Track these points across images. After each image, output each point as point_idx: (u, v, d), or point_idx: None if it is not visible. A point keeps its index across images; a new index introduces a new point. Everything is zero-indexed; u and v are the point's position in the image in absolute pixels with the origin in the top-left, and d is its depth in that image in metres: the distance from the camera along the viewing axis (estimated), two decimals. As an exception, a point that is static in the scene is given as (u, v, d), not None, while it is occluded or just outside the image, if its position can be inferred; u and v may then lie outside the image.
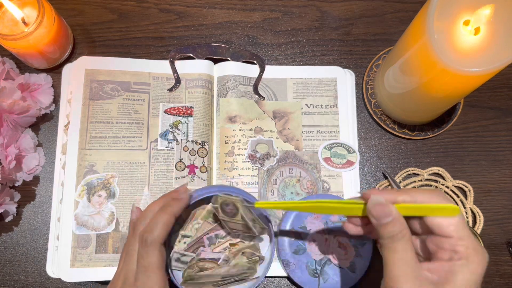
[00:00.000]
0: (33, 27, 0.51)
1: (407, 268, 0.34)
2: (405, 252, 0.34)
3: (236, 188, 0.50)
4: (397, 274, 0.34)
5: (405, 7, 0.63)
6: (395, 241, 0.35)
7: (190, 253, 0.48)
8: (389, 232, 0.35)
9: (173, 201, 0.44)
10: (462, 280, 0.33)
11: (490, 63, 0.42)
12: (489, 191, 0.59)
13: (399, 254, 0.34)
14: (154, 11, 0.62)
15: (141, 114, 0.57)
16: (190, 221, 0.49)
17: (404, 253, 0.34)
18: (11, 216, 0.55)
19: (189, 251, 0.48)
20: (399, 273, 0.34)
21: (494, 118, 0.61)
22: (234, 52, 0.59)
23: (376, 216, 0.36)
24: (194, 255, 0.48)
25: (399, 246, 0.34)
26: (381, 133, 0.60)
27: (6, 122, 0.54)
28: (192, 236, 0.49)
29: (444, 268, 0.34)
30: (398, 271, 0.34)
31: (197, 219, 0.49)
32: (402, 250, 0.34)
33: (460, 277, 0.33)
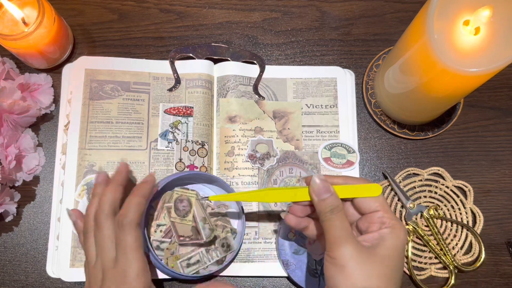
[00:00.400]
0: (33, 27, 0.51)
1: (346, 232, 0.39)
2: (343, 221, 0.40)
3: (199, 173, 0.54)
4: (338, 236, 0.39)
5: (405, 7, 0.63)
6: (334, 213, 0.40)
7: (167, 239, 0.52)
8: (329, 205, 0.40)
9: (141, 185, 0.47)
10: (390, 244, 0.39)
11: (490, 63, 0.42)
12: (489, 191, 0.59)
13: (338, 221, 0.39)
14: (154, 11, 0.62)
15: (141, 114, 0.57)
16: (162, 210, 0.53)
17: (342, 222, 0.40)
18: (11, 216, 0.55)
19: (166, 237, 0.52)
20: (340, 234, 0.39)
21: (494, 118, 0.61)
22: (234, 52, 0.59)
23: (317, 191, 0.41)
24: (169, 240, 0.52)
25: (338, 216, 0.40)
26: (381, 133, 0.60)
27: (6, 122, 0.54)
28: (166, 224, 0.52)
29: (375, 236, 0.40)
30: (339, 233, 0.39)
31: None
32: (340, 220, 0.40)
33: (389, 242, 0.39)
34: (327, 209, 0.40)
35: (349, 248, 0.38)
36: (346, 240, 0.38)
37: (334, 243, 0.38)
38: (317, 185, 0.41)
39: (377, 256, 0.38)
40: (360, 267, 0.37)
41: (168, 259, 0.51)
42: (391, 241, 0.39)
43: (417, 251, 0.56)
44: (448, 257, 0.55)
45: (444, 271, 0.55)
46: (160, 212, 0.53)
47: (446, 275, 0.55)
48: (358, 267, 0.37)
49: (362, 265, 0.38)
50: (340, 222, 0.39)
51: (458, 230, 0.57)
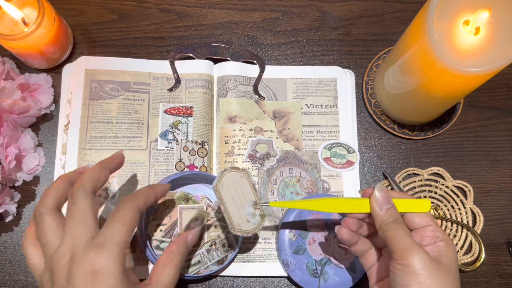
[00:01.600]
0: (33, 27, 0.51)
1: (413, 241, 0.40)
2: (407, 230, 0.41)
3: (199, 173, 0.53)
4: (408, 244, 0.39)
5: (405, 7, 0.63)
6: (397, 223, 0.41)
7: (167, 239, 0.52)
8: (392, 215, 0.41)
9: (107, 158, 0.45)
10: (450, 256, 0.40)
11: (490, 63, 0.42)
12: (489, 191, 0.59)
13: (403, 230, 0.41)
14: (154, 11, 0.62)
15: (141, 114, 0.57)
16: (163, 210, 0.52)
17: (407, 231, 0.41)
18: (11, 216, 0.55)
19: (166, 237, 0.52)
20: (409, 243, 0.39)
21: (494, 118, 0.61)
22: (234, 52, 0.59)
23: (380, 202, 0.42)
24: (170, 239, 0.52)
25: (401, 226, 0.41)
26: (381, 133, 0.60)
27: (6, 122, 0.54)
28: (166, 224, 0.52)
29: (433, 249, 0.41)
30: (407, 241, 0.40)
31: (168, 207, 0.53)
32: (405, 229, 0.41)
33: (449, 254, 0.41)
34: (390, 219, 0.41)
35: (421, 256, 0.39)
36: (417, 248, 0.39)
37: (404, 251, 0.39)
38: (379, 196, 0.42)
39: (444, 266, 0.40)
40: (433, 275, 0.38)
41: None
42: (450, 254, 0.41)
43: (417, 251, 0.56)
44: (448, 257, 0.55)
45: (444, 271, 0.55)
46: (161, 212, 0.53)
47: (446, 275, 0.55)
48: (431, 275, 0.38)
49: (434, 273, 0.39)
50: (405, 231, 0.41)
51: (458, 230, 0.57)
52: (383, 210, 0.42)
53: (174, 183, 0.53)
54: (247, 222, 0.45)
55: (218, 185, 0.44)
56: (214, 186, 0.44)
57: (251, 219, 0.45)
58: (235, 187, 0.45)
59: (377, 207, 0.42)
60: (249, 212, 0.45)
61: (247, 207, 0.45)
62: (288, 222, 0.53)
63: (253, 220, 0.45)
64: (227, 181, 0.45)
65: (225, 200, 0.44)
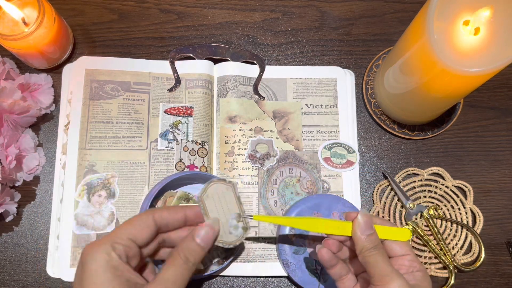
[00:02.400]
0: (33, 27, 0.51)
1: (392, 267, 0.41)
2: (386, 257, 0.41)
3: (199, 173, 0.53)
4: (388, 270, 0.40)
5: (405, 7, 0.63)
6: (377, 249, 0.41)
7: None
8: (373, 241, 0.42)
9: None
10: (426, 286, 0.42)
11: (490, 63, 0.42)
12: (489, 191, 0.59)
13: (383, 257, 0.41)
14: (154, 11, 0.62)
15: (141, 114, 0.57)
16: None
17: (386, 257, 0.41)
18: (11, 216, 0.55)
19: None
20: (389, 269, 0.40)
21: (493, 118, 0.61)
22: (234, 52, 0.59)
23: (362, 228, 0.42)
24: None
25: (382, 252, 0.41)
26: (381, 133, 0.60)
27: (6, 122, 0.54)
28: None
29: (410, 277, 0.42)
30: (387, 268, 0.40)
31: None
32: (384, 255, 0.41)
33: (424, 284, 0.42)
34: (371, 245, 0.41)
35: (400, 283, 0.39)
36: (397, 275, 0.40)
37: (384, 277, 0.40)
38: (362, 221, 0.42)
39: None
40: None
41: None
42: (426, 284, 0.42)
43: (417, 251, 0.56)
44: (448, 257, 0.55)
45: (444, 271, 0.55)
46: None
47: (446, 275, 0.55)
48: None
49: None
50: (386, 258, 0.41)
51: (458, 230, 0.57)
52: (365, 236, 0.42)
53: (174, 183, 0.53)
54: (229, 233, 0.44)
55: (203, 195, 0.43)
56: (199, 197, 0.43)
57: (233, 231, 0.44)
58: (220, 199, 0.44)
59: (359, 232, 0.42)
60: (232, 224, 0.44)
61: (231, 219, 0.44)
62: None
63: (235, 232, 0.44)
64: (213, 192, 0.44)
65: (208, 210, 0.43)
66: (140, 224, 0.40)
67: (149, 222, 0.41)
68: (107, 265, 0.37)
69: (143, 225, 0.40)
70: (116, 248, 0.38)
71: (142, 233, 0.40)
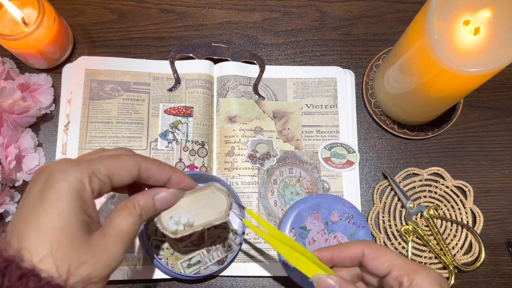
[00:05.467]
0: (33, 27, 0.51)
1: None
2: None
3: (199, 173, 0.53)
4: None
5: (405, 7, 0.63)
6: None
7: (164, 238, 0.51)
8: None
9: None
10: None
11: (490, 63, 0.42)
12: (489, 191, 0.59)
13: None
14: (154, 11, 0.62)
15: (141, 114, 0.57)
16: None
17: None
18: (11, 216, 0.55)
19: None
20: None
21: (493, 118, 0.61)
22: (234, 52, 0.59)
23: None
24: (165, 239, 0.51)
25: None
26: (381, 133, 0.60)
27: (6, 122, 0.54)
28: None
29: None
30: None
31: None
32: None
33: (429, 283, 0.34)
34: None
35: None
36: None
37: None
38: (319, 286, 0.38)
39: None
40: None
41: (168, 259, 0.51)
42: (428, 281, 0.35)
43: (417, 251, 0.56)
44: (448, 257, 0.55)
45: (444, 271, 0.55)
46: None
47: (446, 275, 0.55)
48: None
49: None
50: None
51: (458, 230, 0.57)
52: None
53: None
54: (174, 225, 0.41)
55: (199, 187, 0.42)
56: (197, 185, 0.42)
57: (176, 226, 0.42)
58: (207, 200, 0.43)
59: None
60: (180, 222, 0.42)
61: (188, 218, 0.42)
62: (288, 222, 0.53)
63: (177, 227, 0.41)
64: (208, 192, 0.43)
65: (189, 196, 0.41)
66: (125, 166, 0.36)
67: (134, 168, 0.36)
68: (77, 194, 0.32)
69: (126, 169, 0.36)
70: (93, 180, 0.34)
71: (123, 176, 0.36)
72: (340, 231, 0.53)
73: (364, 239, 0.53)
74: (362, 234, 0.53)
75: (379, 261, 0.37)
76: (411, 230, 0.56)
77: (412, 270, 0.35)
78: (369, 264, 0.38)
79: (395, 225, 0.57)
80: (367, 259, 0.38)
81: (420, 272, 0.35)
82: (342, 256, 0.39)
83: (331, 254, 0.40)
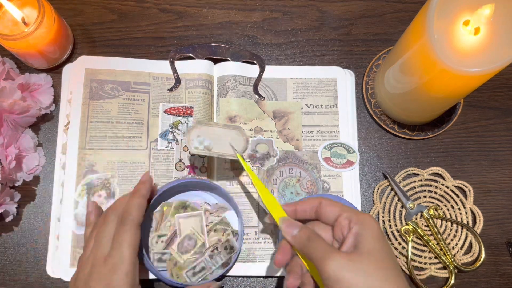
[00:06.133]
0: (33, 27, 0.51)
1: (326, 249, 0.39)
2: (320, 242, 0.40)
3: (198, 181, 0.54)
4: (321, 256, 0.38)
5: (405, 7, 0.63)
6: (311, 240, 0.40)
7: (168, 250, 0.52)
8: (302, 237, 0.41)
9: (140, 185, 0.49)
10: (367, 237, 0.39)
11: (490, 63, 0.42)
12: (489, 191, 0.59)
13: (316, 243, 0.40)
14: (154, 11, 0.62)
15: (141, 114, 0.57)
16: (162, 221, 0.52)
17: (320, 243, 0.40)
18: (11, 216, 0.55)
19: (168, 248, 0.52)
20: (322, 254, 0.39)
21: (494, 118, 0.61)
22: (234, 52, 0.59)
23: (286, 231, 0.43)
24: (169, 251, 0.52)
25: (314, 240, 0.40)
26: (381, 133, 0.60)
27: (6, 122, 0.54)
28: (166, 234, 0.52)
29: (350, 238, 0.40)
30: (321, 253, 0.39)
31: (167, 217, 0.53)
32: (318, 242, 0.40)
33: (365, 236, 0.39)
34: (303, 241, 0.41)
35: (335, 260, 0.38)
36: (329, 255, 0.38)
37: (321, 263, 0.38)
38: (283, 227, 0.43)
39: (363, 255, 0.38)
40: (354, 273, 0.37)
41: (172, 271, 0.51)
42: (366, 235, 0.39)
43: (417, 251, 0.56)
44: (448, 257, 0.55)
45: (444, 271, 0.55)
46: (160, 223, 0.52)
47: (446, 275, 0.55)
48: (353, 273, 0.37)
49: (355, 270, 0.37)
50: (319, 243, 0.40)
51: (458, 230, 0.57)
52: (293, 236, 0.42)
53: (170, 191, 0.53)
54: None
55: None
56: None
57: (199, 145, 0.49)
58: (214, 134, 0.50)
59: (288, 236, 0.42)
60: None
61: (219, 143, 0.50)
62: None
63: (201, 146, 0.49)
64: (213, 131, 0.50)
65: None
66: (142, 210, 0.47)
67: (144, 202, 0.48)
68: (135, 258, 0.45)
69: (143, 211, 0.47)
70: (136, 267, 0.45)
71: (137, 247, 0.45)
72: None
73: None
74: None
75: (332, 207, 0.43)
76: (411, 230, 0.56)
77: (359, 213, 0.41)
78: (323, 210, 0.43)
79: (395, 225, 0.57)
80: (322, 206, 0.43)
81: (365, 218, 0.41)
82: (304, 207, 0.45)
83: (295, 206, 0.45)
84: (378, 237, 0.39)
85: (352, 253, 0.39)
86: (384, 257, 0.39)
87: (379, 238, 0.39)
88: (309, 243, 0.40)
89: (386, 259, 0.39)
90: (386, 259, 0.39)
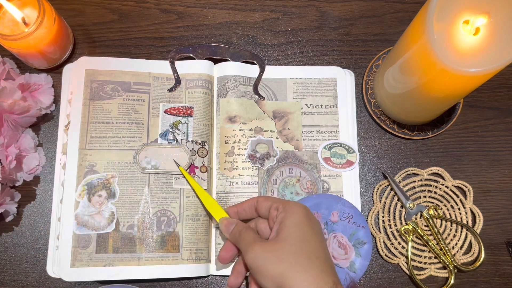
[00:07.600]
0: (34, 28, 0.51)
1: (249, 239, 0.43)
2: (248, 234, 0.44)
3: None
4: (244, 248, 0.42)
5: (405, 7, 0.63)
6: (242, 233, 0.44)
7: None
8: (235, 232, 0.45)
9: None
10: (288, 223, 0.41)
11: (489, 63, 0.42)
12: (488, 191, 0.59)
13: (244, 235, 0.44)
14: (154, 11, 0.63)
15: (141, 114, 0.57)
16: None
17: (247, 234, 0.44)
18: (11, 216, 0.55)
19: None
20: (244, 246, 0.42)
21: (493, 118, 0.61)
22: (234, 52, 0.60)
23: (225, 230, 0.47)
24: None
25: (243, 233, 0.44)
26: (381, 133, 0.60)
27: (6, 122, 0.54)
28: None
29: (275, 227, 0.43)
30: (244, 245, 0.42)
31: None
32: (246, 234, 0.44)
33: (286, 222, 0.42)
34: (235, 236, 0.45)
35: (254, 250, 0.40)
36: (251, 246, 0.41)
37: (244, 255, 0.41)
38: (222, 226, 0.47)
39: (279, 242, 0.40)
40: (268, 260, 0.39)
41: None
42: (287, 222, 0.42)
43: (416, 251, 0.56)
44: (448, 257, 0.55)
45: (444, 271, 0.55)
46: None
47: (446, 275, 0.55)
48: (266, 261, 0.39)
49: (268, 257, 0.39)
50: (246, 235, 0.43)
51: (457, 230, 0.57)
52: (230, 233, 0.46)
53: None
54: None
55: None
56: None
57: None
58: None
59: (226, 234, 0.47)
60: None
61: None
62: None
63: None
64: None
65: None
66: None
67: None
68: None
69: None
70: None
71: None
72: (340, 231, 0.54)
73: (363, 239, 0.54)
74: (362, 234, 0.54)
75: (265, 201, 0.46)
76: (411, 230, 0.56)
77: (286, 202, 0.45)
78: (259, 206, 0.47)
79: (395, 225, 0.57)
80: (258, 202, 0.47)
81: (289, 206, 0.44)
82: (243, 206, 0.48)
83: (236, 208, 0.49)
84: (300, 224, 0.41)
85: (270, 241, 0.41)
86: (301, 242, 0.40)
87: (300, 225, 0.41)
88: (239, 236, 0.44)
89: (304, 244, 0.40)
90: (304, 244, 0.40)
